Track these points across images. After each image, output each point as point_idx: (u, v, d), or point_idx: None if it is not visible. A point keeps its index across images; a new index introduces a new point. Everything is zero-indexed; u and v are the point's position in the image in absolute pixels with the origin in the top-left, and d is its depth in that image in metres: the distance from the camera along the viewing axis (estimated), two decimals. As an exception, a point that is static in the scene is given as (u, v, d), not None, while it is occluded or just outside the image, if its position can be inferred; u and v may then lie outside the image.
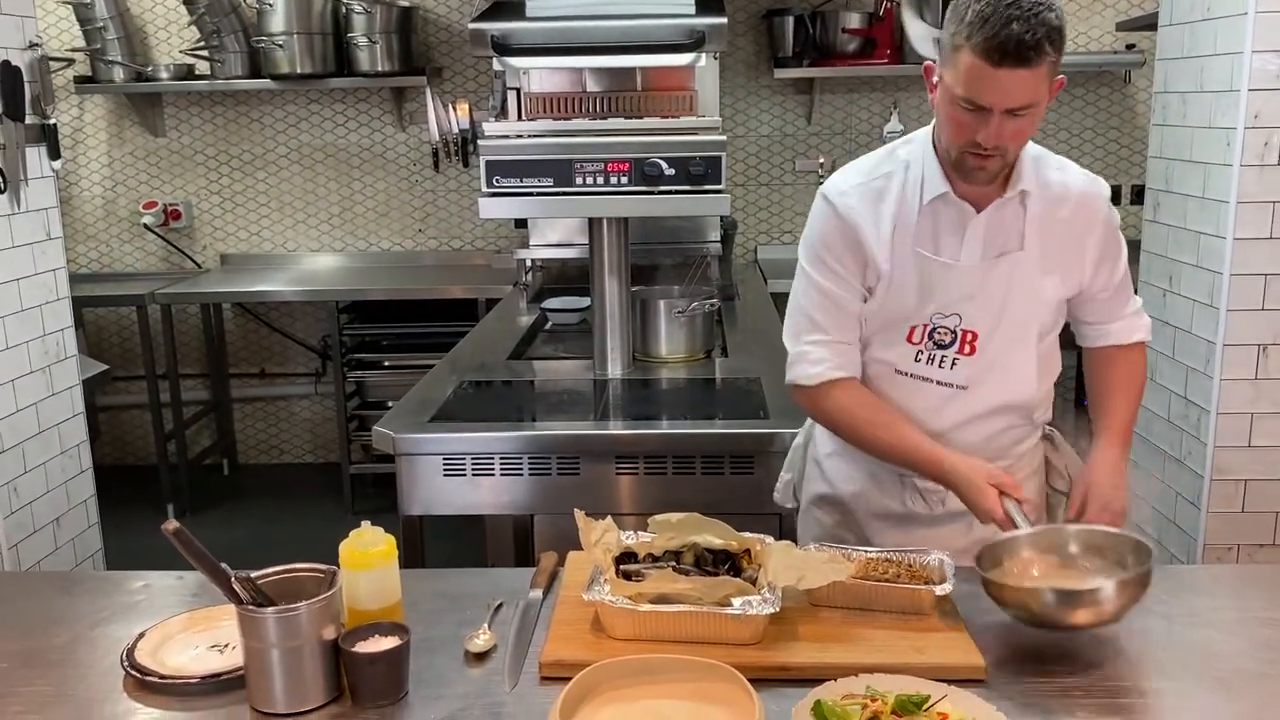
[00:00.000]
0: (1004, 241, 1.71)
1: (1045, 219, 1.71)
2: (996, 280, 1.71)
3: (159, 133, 4.99)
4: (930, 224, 1.71)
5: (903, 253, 1.72)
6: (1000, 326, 1.72)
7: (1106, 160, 4.92)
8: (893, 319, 1.75)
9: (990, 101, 1.54)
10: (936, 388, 1.76)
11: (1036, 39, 1.49)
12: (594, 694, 1.28)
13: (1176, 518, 2.78)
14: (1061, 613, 1.35)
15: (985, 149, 1.58)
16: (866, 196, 1.74)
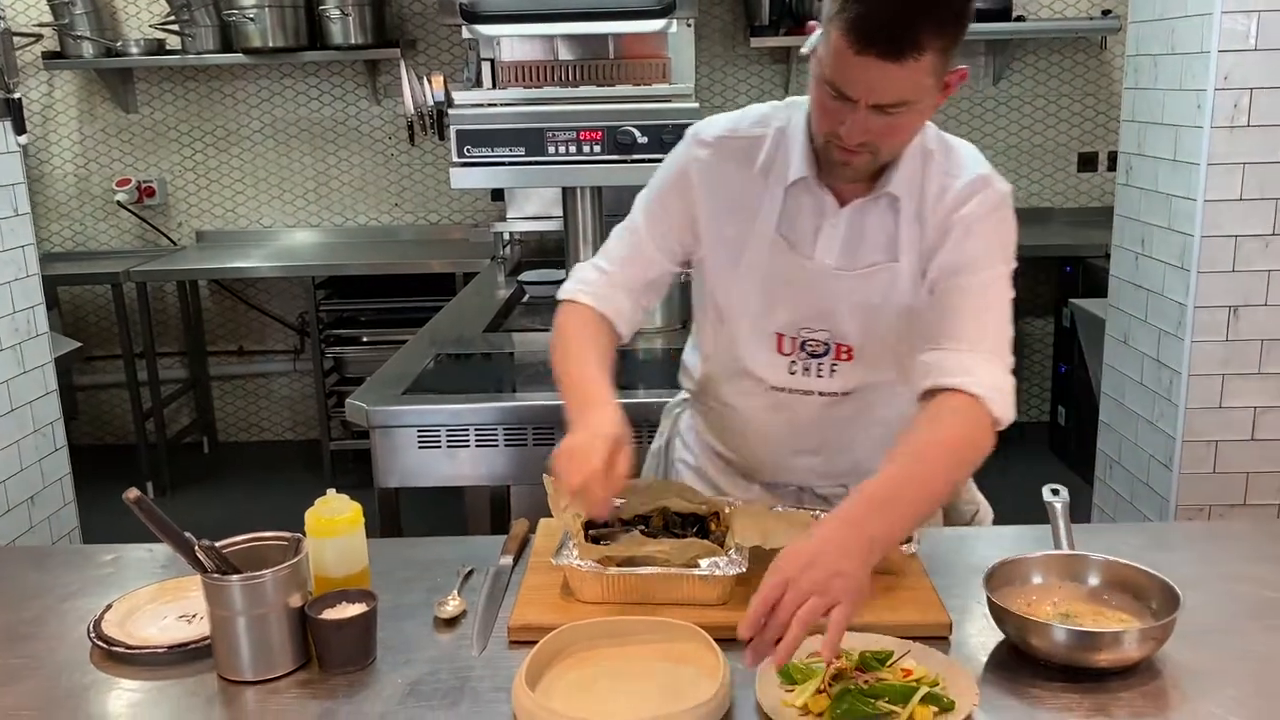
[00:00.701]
0: (871, 250, 1.50)
1: (922, 226, 1.49)
2: (867, 294, 1.51)
3: (130, 109, 4.94)
4: (792, 209, 1.51)
5: (762, 236, 1.53)
6: (876, 337, 1.54)
7: (1084, 127, 4.93)
8: (756, 318, 1.57)
9: (854, 92, 1.30)
10: (820, 399, 1.59)
11: (912, 28, 1.24)
12: (561, 656, 1.28)
13: (1149, 480, 2.81)
14: (1073, 652, 1.24)
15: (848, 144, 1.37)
16: (723, 153, 1.54)
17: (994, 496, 3.81)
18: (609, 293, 1.61)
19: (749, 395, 1.63)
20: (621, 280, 1.62)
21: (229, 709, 1.25)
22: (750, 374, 1.61)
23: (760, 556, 1.46)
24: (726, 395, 1.67)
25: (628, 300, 1.62)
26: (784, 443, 1.65)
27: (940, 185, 1.49)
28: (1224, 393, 2.61)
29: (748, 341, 1.59)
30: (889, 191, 1.47)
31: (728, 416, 1.69)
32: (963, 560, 1.54)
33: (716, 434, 1.74)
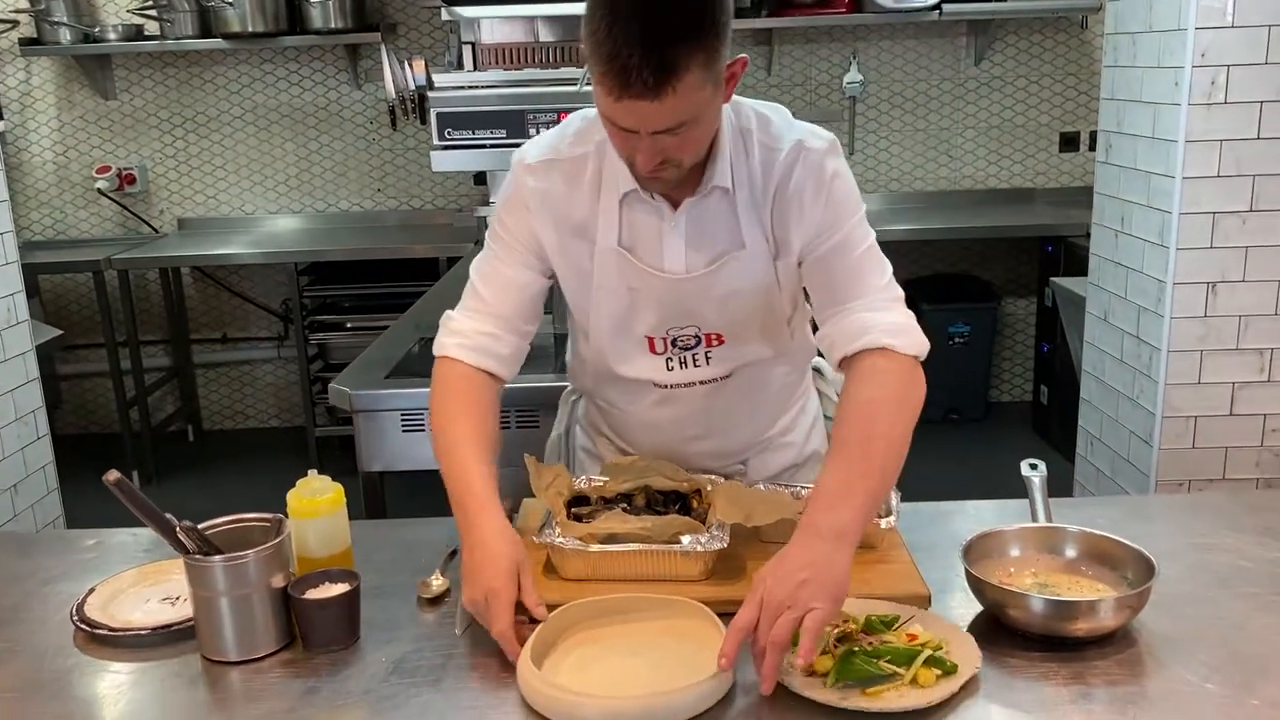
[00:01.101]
0: (717, 242, 1.49)
1: (758, 203, 1.48)
2: (724, 284, 1.51)
3: (109, 95, 4.90)
4: (630, 221, 1.50)
5: (606, 251, 1.51)
6: (744, 321, 1.55)
7: (1065, 107, 4.94)
8: (620, 326, 1.56)
9: (630, 127, 1.30)
10: (702, 388, 1.59)
11: (661, 64, 1.22)
12: (566, 634, 1.29)
13: (1130, 456, 2.83)
14: (1050, 622, 1.26)
15: (644, 171, 1.37)
16: (554, 177, 1.51)
17: (977, 474, 3.86)
18: (485, 341, 1.55)
19: (634, 396, 1.63)
20: (494, 315, 1.56)
21: (213, 689, 1.26)
22: (631, 379, 1.61)
23: (742, 533, 1.47)
24: (612, 398, 1.68)
25: (507, 338, 1.56)
26: (673, 433, 1.65)
27: (764, 160, 1.47)
28: (1203, 368, 2.63)
29: (619, 352, 1.59)
30: (717, 185, 1.46)
31: (616, 415, 1.70)
32: (942, 534, 1.56)
33: (611, 428, 1.74)
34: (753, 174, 1.48)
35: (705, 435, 1.66)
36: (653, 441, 1.68)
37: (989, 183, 5.05)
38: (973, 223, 4.65)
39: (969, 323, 4.82)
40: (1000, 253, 5.11)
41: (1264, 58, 2.44)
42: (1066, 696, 1.18)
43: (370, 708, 1.20)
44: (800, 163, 1.47)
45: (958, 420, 4.97)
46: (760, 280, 1.52)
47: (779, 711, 1.16)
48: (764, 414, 1.71)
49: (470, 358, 1.55)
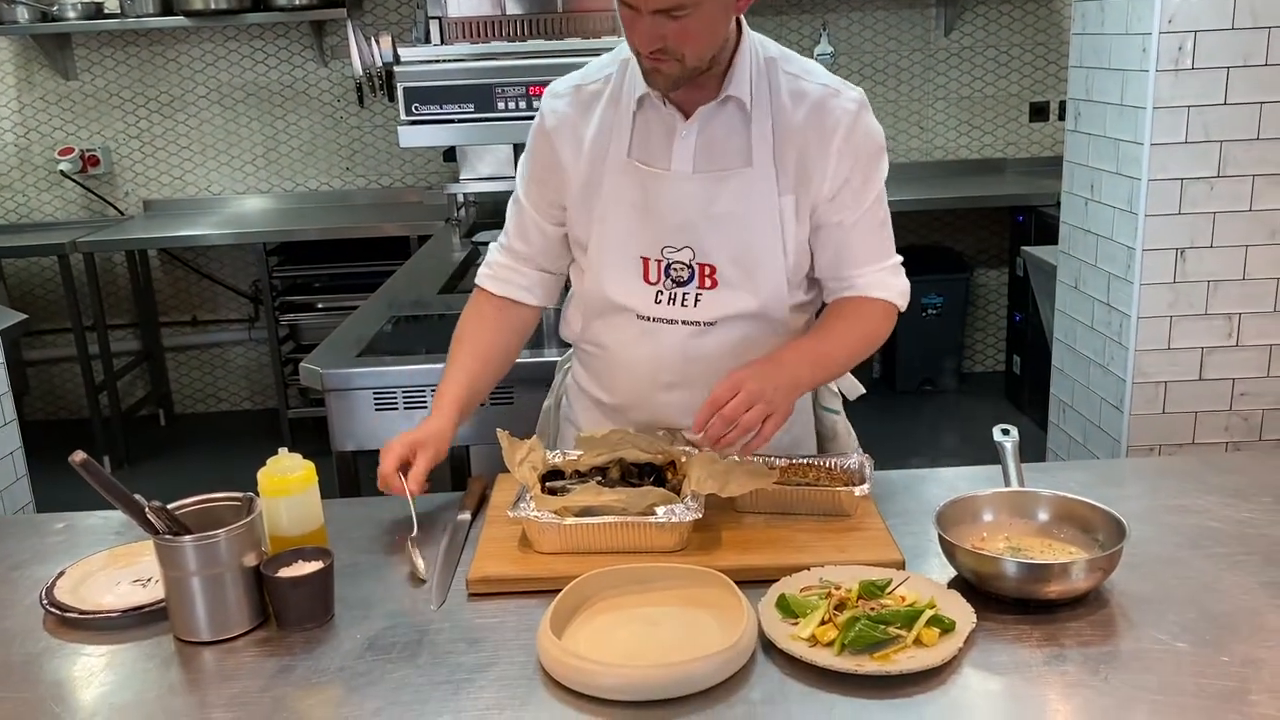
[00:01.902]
0: (725, 156, 1.54)
1: (777, 130, 1.53)
2: (726, 201, 1.54)
3: (70, 75, 4.82)
4: (643, 132, 1.56)
5: (616, 163, 1.56)
6: (740, 254, 1.57)
7: (1035, 77, 4.95)
8: (620, 245, 1.60)
9: (633, 1, 1.37)
10: (683, 328, 1.61)
11: None
12: (585, 604, 1.29)
13: (1101, 422, 2.85)
14: (1023, 585, 1.27)
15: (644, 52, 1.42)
16: (579, 103, 1.59)
17: (951, 444, 3.89)
18: (512, 274, 1.71)
19: (617, 329, 1.66)
20: (523, 254, 1.70)
21: (186, 670, 1.24)
22: (619, 306, 1.64)
23: (716, 504, 1.47)
24: (597, 333, 1.70)
25: (534, 273, 1.71)
26: (649, 377, 1.67)
27: (791, 90, 1.54)
28: (1172, 334, 2.65)
29: (614, 271, 1.62)
30: (731, 95, 1.51)
31: (598, 357, 1.73)
32: (915, 501, 1.57)
33: (594, 376, 1.76)
34: (777, 100, 1.53)
35: (680, 384, 1.65)
36: (629, 384, 1.68)
37: (960, 153, 5.06)
38: (944, 193, 4.66)
39: (941, 294, 4.84)
40: (971, 223, 5.13)
41: (1230, 23, 2.45)
42: (1040, 658, 1.19)
43: (345, 685, 1.19)
44: (833, 111, 1.53)
45: (931, 391, 4.99)
46: (762, 208, 1.55)
47: (798, 681, 1.16)
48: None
49: (495, 287, 1.72)
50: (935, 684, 1.15)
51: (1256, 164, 2.54)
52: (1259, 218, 2.57)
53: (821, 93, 1.54)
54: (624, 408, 1.71)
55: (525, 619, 1.29)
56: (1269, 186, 2.55)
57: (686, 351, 1.63)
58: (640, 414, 1.69)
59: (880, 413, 4.86)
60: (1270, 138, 2.52)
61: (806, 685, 1.15)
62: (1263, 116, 2.51)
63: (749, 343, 1.62)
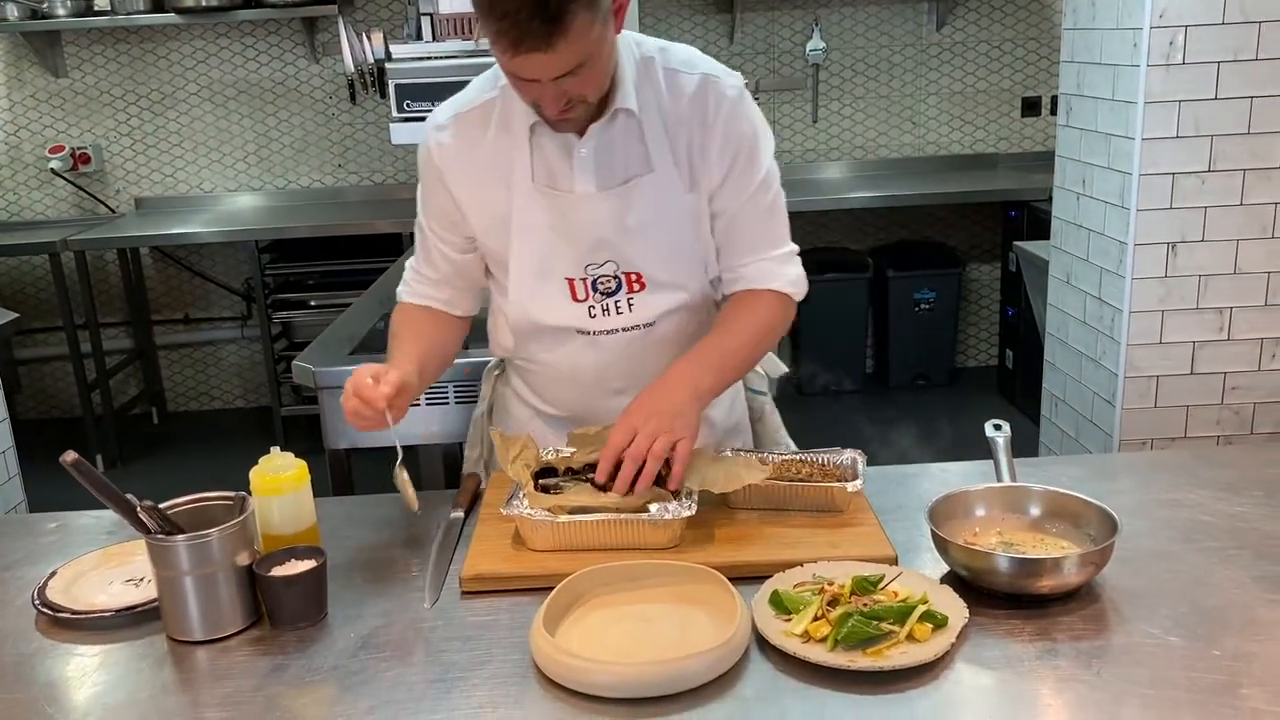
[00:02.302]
0: (627, 167, 1.53)
1: (669, 129, 1.53)
2: (637, 211, 1.54)
3: (61, 73, 4.80)
4: (541, 156, 1.54)
5: (523, 190, 1.55)
6: (661, 257, 1.58)
7: (1026, 72, 4.96)
8: (542, 269, 1.59)
9: (531, 76, 1.35)
10: (625, 335, 1.62)
11: (548, 18, 1.27)
12: (578, 601, 1.29)
13: (1093, 416, 2.86)
14: (1015, 579, 1.27)
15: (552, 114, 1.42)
16: (461, 132, 1.56)
17: (944, 439, 3.89)
18: (430, 290, 1.69)
19: (557, 345, 1.65)
20: (434, 279, 1.69)
21: (180, 669, 1.24)
22: (554, 328, 1.63)
23: (709, 500, 1.47)
24: (533, 352, 1.69)
25: (450, 292, 1.69)
26: (596, 385, 1.66)
27: (670, 85, 1.53)
28: (1164, 328, 2.66)
29: (540, 297, 1.61)
30: (621, 108, 1.50)
31: (540, 372, 1.71)
32: (908, 496, 1.57)
33: (534, 390, 1.75)
34: (660, 99, 1.53)
35: (627, 388, 1.64)
36: (576, 396, 1.68)
37: (952, 149, 5.06)
38: (936, 189, 4.67)
39: (934, 289, 4.85)
40: (964, 218, 5.13)
41: (1221, 18, 2.46)
42: (1033, 652, 1.19)
43: (339, 683, 1.19)
44: (712, 99, 1.53)
45: (924, 385, 5.00)
46: (672, 209, 1.56)
47: (791, 677, 1.16)
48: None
49: (418, 301, 1.70)
50: (928, 679, 1.15)
51: (1247, 158, 2.54)
52: (1250, 212, 2.58)
53: (700, 82, 1.54)
54: (571, 417, 1.70)
55: (518, 617, 1.29)
56: (1259, 181, 2.55)
57: (632, 355, 1.63)
58: (588, 421, 1.68)
59: (873, 408, 4.87)
60: (1260, 132, 2.52)
61: (800, 681, 1.15)
62: (1253, 111, 2.51)
63: (691, 330, 1.65)
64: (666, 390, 1.48)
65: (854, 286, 4.81)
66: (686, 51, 1.58)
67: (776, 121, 4.97)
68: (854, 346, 4.97)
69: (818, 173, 5.02)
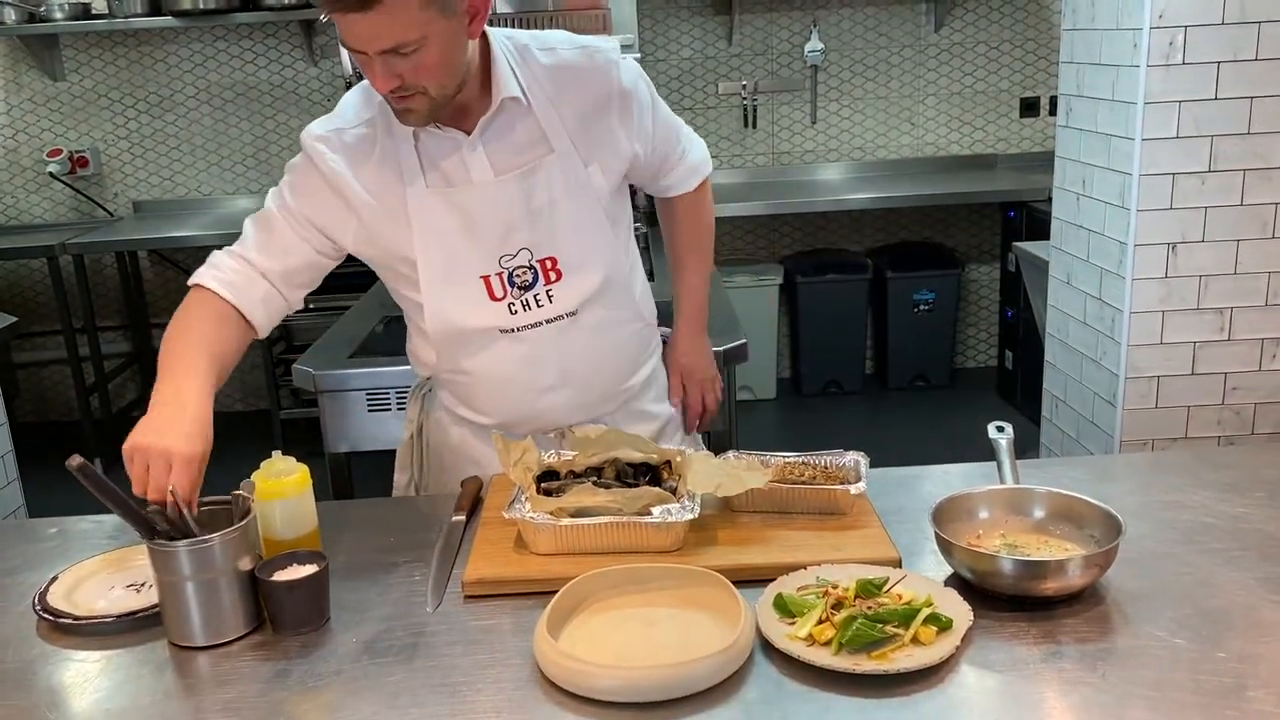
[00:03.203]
0: (525, 152, 1.54)
1: (559, 108, 1.54)
2: (541, 192, 1.55)
3: (58, 76, 4.80)
4: (430, 159, 1.53)
5: (418, 196, 1.54)
6: (572, 236, 1.58)
7: (1025, 72, 4.96)
8: (453, 272, 1.58)
9: (355, 45, 1.33)
10: (549, 327, 1.61)
11: None
12: (582, 605, 1.28)
13: (1094, 417, 2.85)
14: (1019, 582, 1.26)
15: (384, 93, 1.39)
16: (343, 147, 1.54)
17: (945, 440, 3.87)
18: (245, 283, 1.57)
19: (480, 350, 1.64)
20: (261, 268, 1.58)
21: (181, 675, 1.24)
22: (474, 330, 1.61)
23: (712, 503, 1.47)
24: (458, 361, 1.67)
25: (269, 288, 1.59)
26: (527, 385, 1.66)
27: (553, 66, 1.55)
28: (1164, 329, 2.65)
29: (456, 301, 1.59)
30: (507, 97, 1.50)
31: (468, 382, 1.69)
32: (911, 498, 1.57)
33: (465, 402, 1.73)
34: (544, 82, 1.54)
35: (560, 384, 1.65)
36: (508, 399, 1.67)
37: (951, 149, 5.06)
38: (935, 189, 4.67)
39: (933, 289, 4.85)
40: (963, 219, 5.13)
41: (1220, 18, 2.45)
42: (1038, 655, 1.19)
43: (342, 688, 1.19)
44: (597, 71, 1.56)
45: (924, 386, 5.00)
46: (575, 186, 1.57)
47: (795, 681, 1.16)
48: (617, 361, 1.71)
49: (226, 292, 1.55)
50: (933, 682, 1.14)
51: (1247, 158, 2.54)
52: (1250, 212, 2.57)
53: (579, 56, 1.56)
54: (506, 424, 1.69)
55: (521, 621, 1.28)
56: (1259, 181, 2.55)
57: (560, 348, 1.63)
58: (524, 426, 1.68)
59: (873, 409, 4.87)
60: (1260, 132, 2.52)
61: (804, 685, 1.15)
62: (1253, 111, 2.51)
63: (612, 318, 1.67)
64: (694, 340, 1.88)
65: (853, 287, 4.81)
66: (560, 34, 1.61)
67: (775, 123, 4.98)
68: (853, 347, 4.97)
69: (817, 174, 5.02)
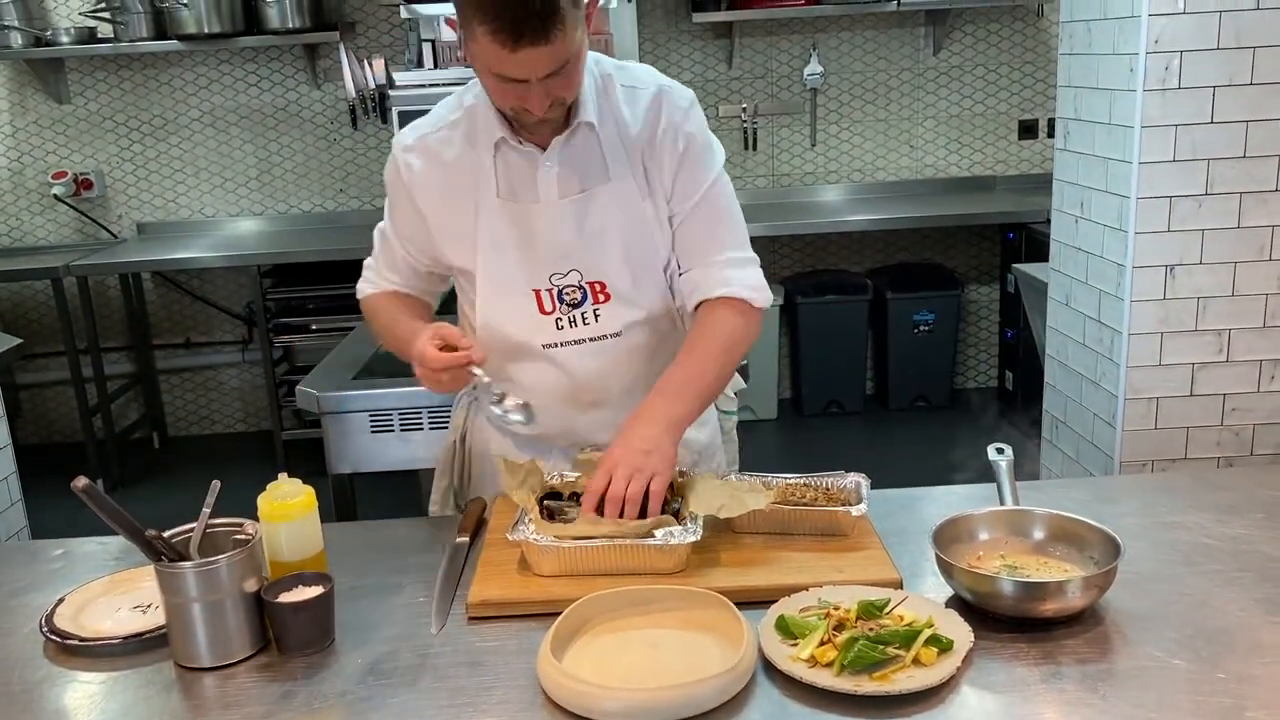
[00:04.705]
0: (587, 177, 1.59)
1: (624, 141, 1.59)
2: (596, 217, 1.59)
3: (64, 100, 4.83)
4: (505, 172, 1.59)
5: (488, 206, 1.60)
6: (621, 264, 1.61)
7: (1023, 95, 4.99)
8: (509, 283, 1.63)
9: (522, 77, 1.40)
10: (592, 345, 1.64)
11: (550, 12, 1.34)
12: (585, 627, 1.29)
13: (1094, 438, 2.86)
14: (1019, 603, 1.28)
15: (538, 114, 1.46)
16: (427, 153, 1.62)
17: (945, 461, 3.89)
18: (389, 286, 1.77)
19: (526, 362, 1.67)
20: (393, 279, 1.76)
21: (187, 696, 1.25)
22: (522, 342, 1.66)
23: (714, 525, 1.48)
24: (505, 371, 1.69)
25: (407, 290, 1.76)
26: (568, 401, 1.68)
27: (628, 99, 1.60)
28: (1163, 350, 2.67)
29: (509, 311, 1.64)
30: (583, 121, 1.56)
31: (511, 391, 1.69)
32: (912, 520, 1.58)
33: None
34: (617, 113, 1.59)
35: (600, 402, 1.67)
36: (548, 413, 1.67)
37: (950, 171, 5.09)
38: (935, 211, 4.69)
39: (933, 310, 4.87)
40: (962, 240, 5.16)
41: (1215, 43, 2.48)
42: (1038, 676, 1.20)
43: (347, 710, 1.19)
44: (665, 111, 1.60)
45: (925, 407, 5.01)
46: (630, 217, 1.61)
47: (797, 702, 1.16)
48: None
49: (388, 286, 1.77)
50: (934, 703, 1.15)
51: (1243, 182, 2.56)
52: (1247, 234, 2.59)
53: (652, 95, 1.60)
54: (545, 436, 1.72)
55: (526, 642, 1.29)
56: (1256, 204, 2.57)
57: (601, 367, 1.66)
58: (563, 439, 1.71)
59: (874, 429, 4.87)
60: (1256, 156, 2.54)
61: (807, 706, 1.16)
62: (1249, 135, 2.53)
63: (656, 343, 1.68)
64: (640, 427, 1.51)
65: (853, 308, 4.83)
66: (642, 69, 1.65)
67: (775, 145, 5.01)
68: (854, 368, 4.98)
69: (816, 196, 5.05)
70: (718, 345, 1.60)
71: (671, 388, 1.56)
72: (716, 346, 1.60)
